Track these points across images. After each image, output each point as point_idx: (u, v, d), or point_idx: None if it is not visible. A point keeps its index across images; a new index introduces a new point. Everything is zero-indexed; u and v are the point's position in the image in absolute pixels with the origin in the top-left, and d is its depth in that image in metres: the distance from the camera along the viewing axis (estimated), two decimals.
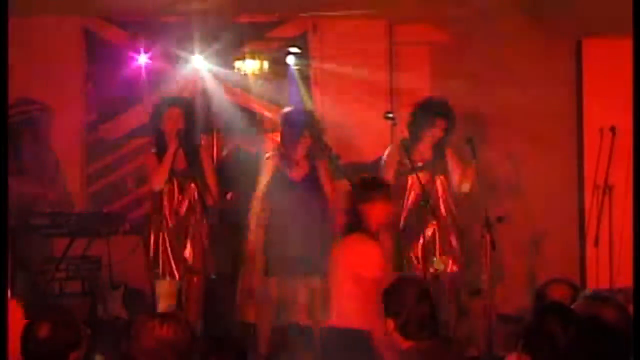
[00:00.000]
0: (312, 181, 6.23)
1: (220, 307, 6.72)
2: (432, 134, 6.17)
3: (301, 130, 6.18)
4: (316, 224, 6.22)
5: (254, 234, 6.23)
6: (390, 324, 3.57)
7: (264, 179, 6.22)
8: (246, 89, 7.52)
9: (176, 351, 2.89)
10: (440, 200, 6.17)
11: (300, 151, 6.19)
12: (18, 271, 6.31)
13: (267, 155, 6.32)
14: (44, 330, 3.14)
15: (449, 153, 6.22)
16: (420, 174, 6.06)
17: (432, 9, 7.32)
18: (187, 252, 5.92)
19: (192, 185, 5.93)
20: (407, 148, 6.12)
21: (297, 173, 6.21)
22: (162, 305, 5.88)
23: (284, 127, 6.25)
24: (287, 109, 6.43)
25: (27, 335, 3.17)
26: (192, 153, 6.01)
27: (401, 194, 6.14)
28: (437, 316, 3.64)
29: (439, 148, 6.21)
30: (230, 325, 6.88)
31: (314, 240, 6.17)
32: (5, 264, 2.56)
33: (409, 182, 6.15)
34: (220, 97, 7.38)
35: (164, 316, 3.05)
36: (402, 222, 6.16)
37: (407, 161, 6.09)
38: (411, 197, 6.17)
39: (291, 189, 6.16)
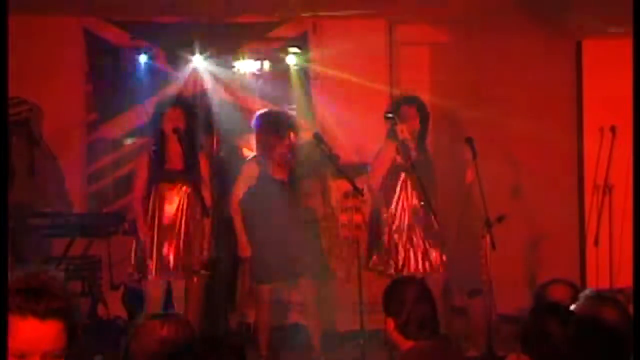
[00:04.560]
0: (296, 179, 6.23)
1: (220, 307, 6.73)
2: (409, 125, 6.13)
3: (283, 130, 6.19)
4: (304, 224, 6.23)
5: (241, 240, 6.20)
6: (391, 323, 3.57)
7: (243, 183, 6.19)
8: (246, 89, 7.52)
9: (177, 351, 2.89)
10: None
11: (281, 151, 6.18)
12: (18, 271, 6.30)
13: (247, 158, 6.29)
14: None
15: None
16: (413, 175, 6.06)
17: (432, 9, 7.33)
18: (181, 251, 5.91)
19: (188, 185, 5.92)
20: (401, 148, 6.12)
21: (281, 173, 6.20)
22: (151, 307, 5.86)
23: (264, 128, 6.22)
24: (262, 111, 6.42)
25: None
26: (190, 154, 5.99)
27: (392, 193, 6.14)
28: (437, 316, 3.64)
29: (422, 146, 6.20)
30: (230, 325, 6.90)
31: (303, 240, 6.19)
32: (5, 264, 2.53)
33: (401, 181, 6.13)
34: (220, 97, 7.38)
35: (165, 316, 3.05)
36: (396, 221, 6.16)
37: (401, 160, 6.09)
38: (403, 196, 6.16)
39: (277, 189, 6.15)
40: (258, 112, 6.40)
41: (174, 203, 5.92)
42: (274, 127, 6.19)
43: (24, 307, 2.19)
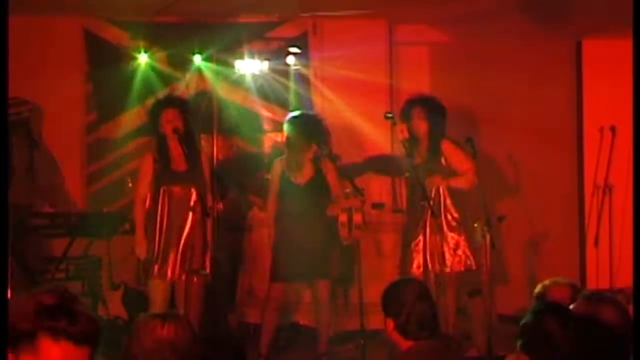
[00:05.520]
0: (316, 184, 6.25)
1: (220, 307, 6.73)
2: (416, 125, 6.16)
3: (311, 135, 6.20)
4: (321, 227, 6.24)
5: (261, 238, 6.24)
6: (390, 323, 3.57)
7: (273, 183, 6.25)
8: (246, 89, 7.52)
9: (177, 351, 2.89)
10: (442, 200, 6.17)
11: (307, 155, 6.21)
12: (18, 271, 6.31)
13: (277, 159, 6.33)
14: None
15: (446, 148, 6.20)
16: (420, 173, 6.07)
17: (432, 9, 7.32)
18: (184, 252, 5.91)
19: (192, 186, 5.93)
20: (407, 148, 6.13)
21: (301, 177, 6.22)
22: (156, 308, 5.86)
23: (293, 131, 6.23)
24: (294, 113, 6.42)
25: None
26: (191, 154, 6.00)
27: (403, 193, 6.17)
28: (437, 316, 3.64)
29: (434, 146, 6.21)
30: (230, 325, 6.89)
31: (320, 243, 6.20)
32: (6, 264, 2.49)
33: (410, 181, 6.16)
34: (220, 97, 7.38)
35: (165, 316, 3.04)
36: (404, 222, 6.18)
37: (407, 160, 6.10)
38: (412, 196, 6.18)
39: (295, 192, 6.18)
40: (289, 115, 6.41)
41: (181, 204, 5.91)
42: (304, 131, 6.21)
43: (57, 329, 1.95)
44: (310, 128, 6.26)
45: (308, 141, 6.21)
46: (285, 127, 6.29)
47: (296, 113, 6.45)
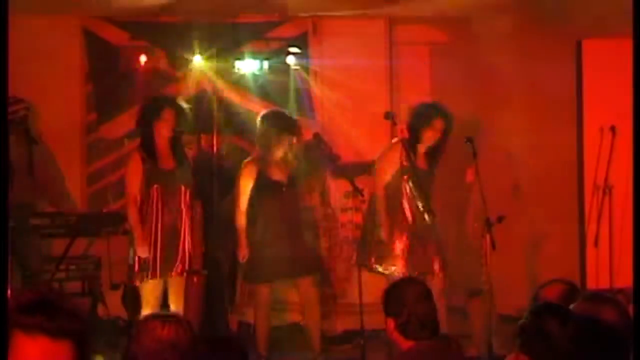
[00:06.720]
0: (296, 180, 6.26)
1: (220, 307, 6.73)
2: (429, 134, 6.14)
3: (283, 132, 6.20)
4: (304, 224, 6.25)
5: (243, 242, 6.21)
6: (391, 323, 3.57)
7: (246, 185, 6.19)
8: (246, 89, 7.52)
9: (177, 352, 2.89)
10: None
11: (281, 152, 6.20)
12: (18, 271, 6.31)
13: (246, 160, 6.30)
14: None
15: None
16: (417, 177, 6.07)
17: (432, 9, 7.32)
18: (178, 251, 5.89)
19: (181, 184, 5.90)
20: (408, 149, 6.11)
21: (280, 174, 6.21)
22: (149, 307, 5.84)
23: (266, 129, 6.23)
24: (265, 111, 6.43)
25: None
26: (179, 152, 5.97)
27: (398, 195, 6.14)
28: (437, 316, 3.64)
29: (434, 155, 6.21)
30: (230, 325, 6.90)
31: (302, 240, 6.21)
32: (6, 264, 2.48)
33: (405, 182, 6.14)
34: (220, 97, 7.38)
35: (166, 317, 3.04)
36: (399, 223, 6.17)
37: (408, 163, 6.08)
38: (407, 198, 6.16)
39: (278, 190, 6.17)
40: (261, 113, 6.42)
41: (172, 203, 5.89)
42: (276, 129, 6.21)
43: (32, 325, 1.88)
44: (281, 124, 6.25)
45: (278, 138, 6.20)
46: (258, 125, 6.30)
47: (265, 111, 6.45)
